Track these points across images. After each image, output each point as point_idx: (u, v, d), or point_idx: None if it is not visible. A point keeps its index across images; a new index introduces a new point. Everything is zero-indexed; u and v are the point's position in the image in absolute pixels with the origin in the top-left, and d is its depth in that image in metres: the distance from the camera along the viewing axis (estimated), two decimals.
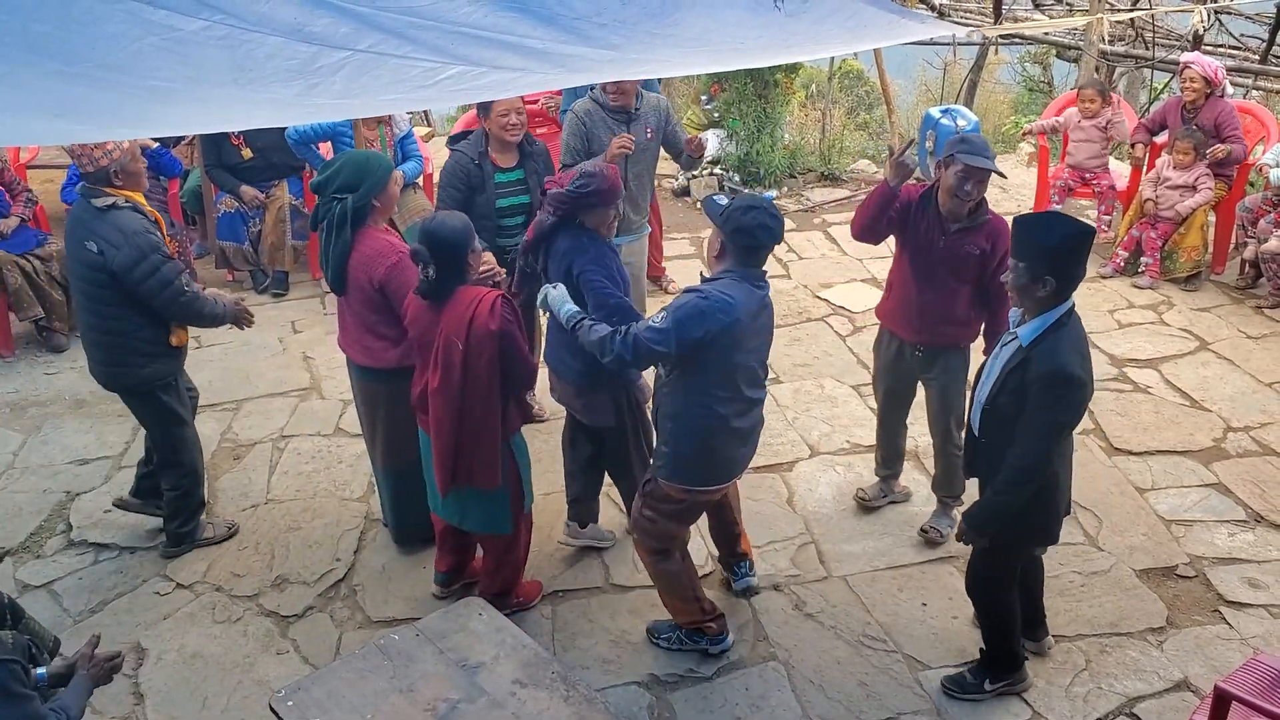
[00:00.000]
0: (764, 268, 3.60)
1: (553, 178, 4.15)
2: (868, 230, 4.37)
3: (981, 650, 3.88)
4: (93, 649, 2.99)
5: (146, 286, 4.07)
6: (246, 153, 6.75)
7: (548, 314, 3.81)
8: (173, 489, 4.49)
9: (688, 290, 3.53)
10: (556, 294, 3.72)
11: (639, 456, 4.26)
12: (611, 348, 3.49)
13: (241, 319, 4.43)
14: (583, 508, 4.51)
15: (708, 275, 3.62)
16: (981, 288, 4.27)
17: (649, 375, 4.05)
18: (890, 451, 4.85)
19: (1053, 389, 3.29)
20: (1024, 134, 7.75)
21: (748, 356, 3.58)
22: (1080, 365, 3.31)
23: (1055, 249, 3.28)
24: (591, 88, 5.23)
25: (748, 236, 3.48)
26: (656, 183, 6.29)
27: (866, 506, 4.84)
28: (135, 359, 4.23)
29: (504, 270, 4.37)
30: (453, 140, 5.06)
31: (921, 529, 4.65)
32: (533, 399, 5.07)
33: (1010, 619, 3.80)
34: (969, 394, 3.82)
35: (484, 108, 4.78)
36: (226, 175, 6.79)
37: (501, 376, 3.70)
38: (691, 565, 4.02)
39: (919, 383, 4.59)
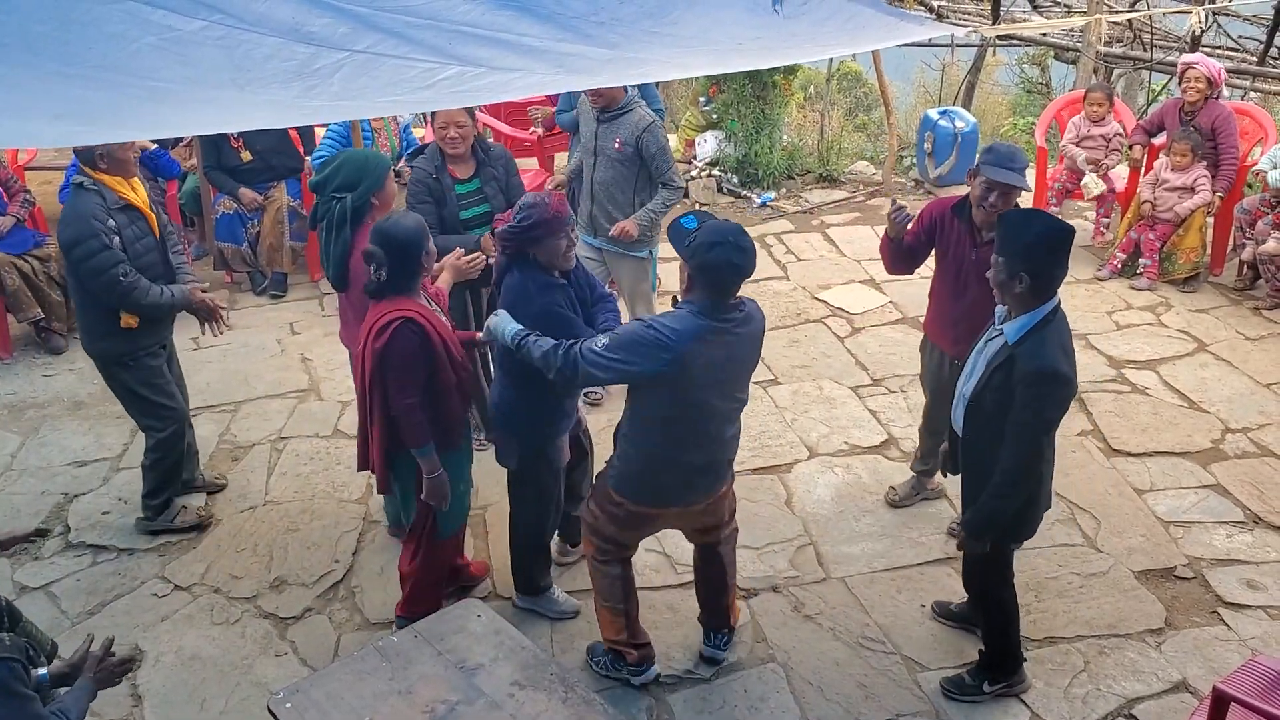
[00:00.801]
0: (737, 297, 3.41)
1: (501, 215, 4.06)
2: (894, 267, 4.49)
3: (981, 652, 3.88)
4: (104, 652, 2.96)
5: (81, 269, 4.18)
6: (246, 155, 6.75)
7: (496, 344, 3.70)
8: (146, 458, 4.64)
9: (638, 320, 3.40)
10: (498, 320, 3.62)
11: (530, 521, 4.12)
12: (554, 362, 3.37)
13: (196, 306, 4.49)
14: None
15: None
16: None
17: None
18: (929, 449, 4.76)
19: (1038, 386, 3.29)
20: (1091, 196, 7.53)
21: (705, 394, 3.40)
22: (1065, 362, 3.31)
23: (1031, 245, 3.29)
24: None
25: (713, 274, 3.29)
26: None
27: (896, 505, 4.82)
28: (93, 331, 4.41)
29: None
30: (411, 156, 5.04)
31: (950, 529, 4.64)
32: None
33: (1010, 616, 3.80)
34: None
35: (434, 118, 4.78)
36: (225, 177, 6.79)
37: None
38: (632, 582, 3.84)
39: None
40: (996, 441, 3.40)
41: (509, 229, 3.73)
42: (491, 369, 4.45)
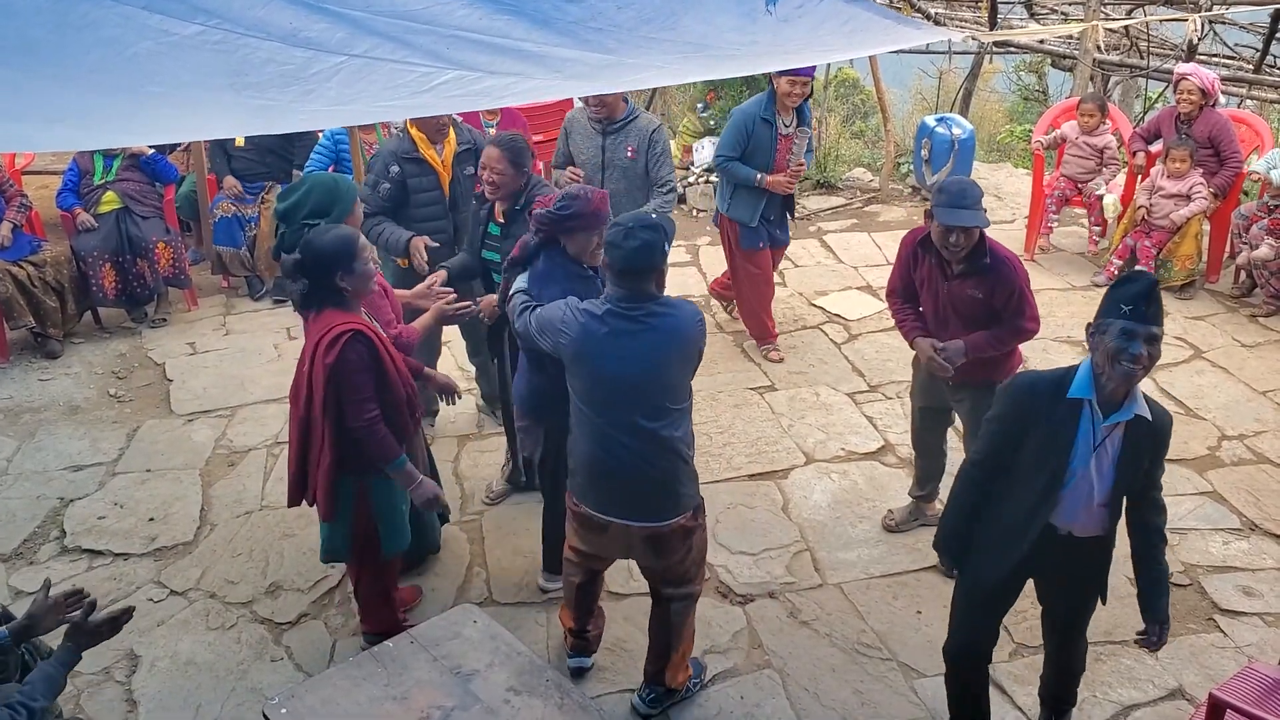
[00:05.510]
0: (651, 293, 3.38)
1: (543, 197, 3.98)
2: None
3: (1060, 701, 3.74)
4: (85, 615, 2.84)
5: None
6: (239, 140, 6.79)
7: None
8: None
9: (562, 301, 3.52)
10: (518, 281, 3.81)
11: (553, 508, 4.14)
12: (513, 317, 3.68)
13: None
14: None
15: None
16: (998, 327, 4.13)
17: None
18: (925, 471, 4.73)
19: (1169, 436, 3.24)
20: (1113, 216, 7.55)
21: (589, 384, 3.44)
22: None
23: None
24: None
25: (608, 263, 3.41)
26: None
27: (892, 530, 4.73)
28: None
29: (475, 302, 4.40)
30: None
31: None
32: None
33: None
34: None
35: None
36: (222, 161, 6.87)
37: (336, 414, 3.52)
38: (587, 589, 3.80)
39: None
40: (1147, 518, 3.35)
41: (547, 214, 3.79)
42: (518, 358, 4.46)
